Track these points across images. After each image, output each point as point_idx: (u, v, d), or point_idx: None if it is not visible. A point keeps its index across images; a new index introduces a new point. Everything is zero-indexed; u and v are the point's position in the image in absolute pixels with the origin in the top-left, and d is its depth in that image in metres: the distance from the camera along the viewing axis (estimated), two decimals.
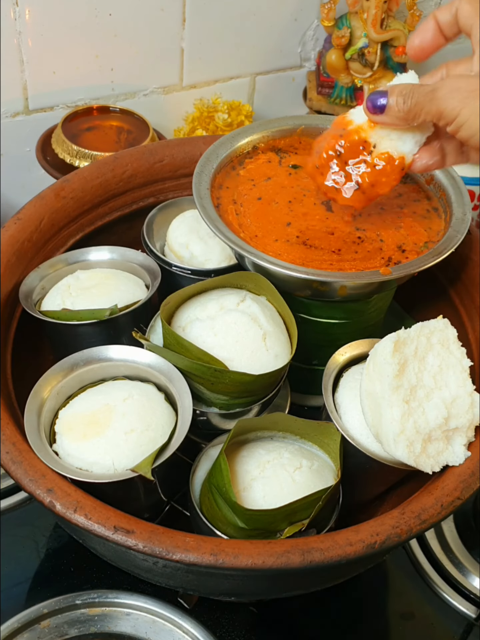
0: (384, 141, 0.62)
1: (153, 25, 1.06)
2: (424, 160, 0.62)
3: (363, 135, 0.62)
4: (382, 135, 0.62)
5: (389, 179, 0.62)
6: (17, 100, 1.03)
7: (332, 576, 0.67)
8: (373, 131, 0.62)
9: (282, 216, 0.73)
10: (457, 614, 0.78)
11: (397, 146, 0.61)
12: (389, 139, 0.61)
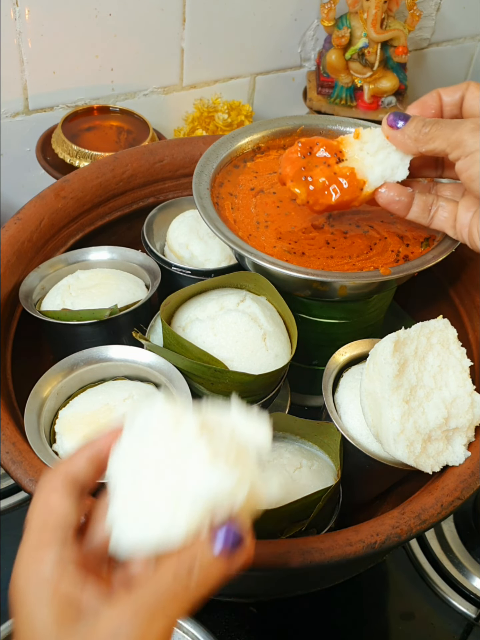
0: (356, 162, 0.61)
1: (153, 25, 1.06)
2: (391, 193, 0.60)
3: (342, 147, 0.62)
4: (357, 155, 0.61)
5: (342, 193, 0.60)
6: (17, 100, 1.03)
7: (332, 576, 0.67)
8: (352, 148, 0.61)
9: (269, 210, 0.73)
10: (457, 614, 0.77)
11: (365, 171, 0.60)
12: (362, 162, 0.61)
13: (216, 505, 0.38)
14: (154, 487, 0.38)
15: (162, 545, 0.38)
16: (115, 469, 0.40)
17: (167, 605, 0.37)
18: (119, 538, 0.39)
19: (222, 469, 0.37)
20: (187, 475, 0.38)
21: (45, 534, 0.39)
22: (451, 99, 0.59)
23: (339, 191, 0.60)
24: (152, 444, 0.39)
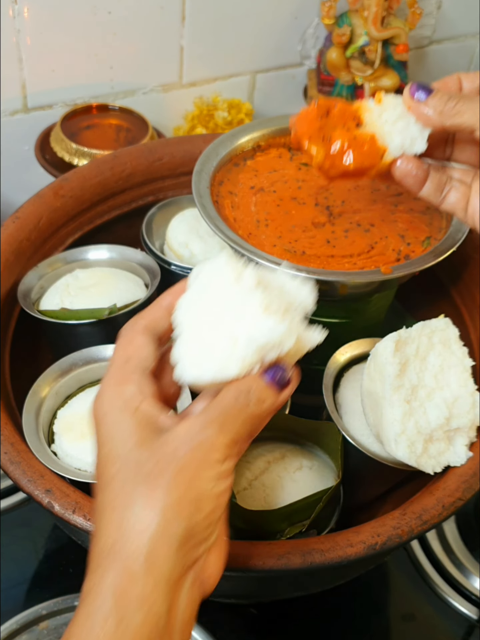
0: (375, 127, 0.57)
1: (152, 23, 1.05)
2: (409, 165, 0.57)
3: (359, 113, 0.58)
4: (377, 121, 0.57)
5: (363, 158, 0.56)
6: (16, 98, 1.03)
7: (333, 577, 0.67)
8: (371, 114, 0.58)
9: (269, 208, 0.73)
10: (459, 615, 0.77)
11: (385, 137, 0.57)
12: (381, 128, 0.57)
13: (266, 348, 0.43)
14: (214, 330, 0.44)
15: (219, 377, 0.43)
16: (181, 315, 0.46)
17: (233, 419, 0.42)
18: (183, 369, 0.44)
19: (274, 318, 0.43)
20: (243, 321, 0.43)
21: (127, 369, 0.44)
22: (471, 86, 0.57)
23: (360, 156, 0.56)
24: (213, 294, 0.45)
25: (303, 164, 0.78)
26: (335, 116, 0.57)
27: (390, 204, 0.74)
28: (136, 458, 0.41)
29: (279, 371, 0.44)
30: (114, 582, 0.39)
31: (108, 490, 0.41)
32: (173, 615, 0.40)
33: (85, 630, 0.39)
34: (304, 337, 0.46)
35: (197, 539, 0.41)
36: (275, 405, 0.44)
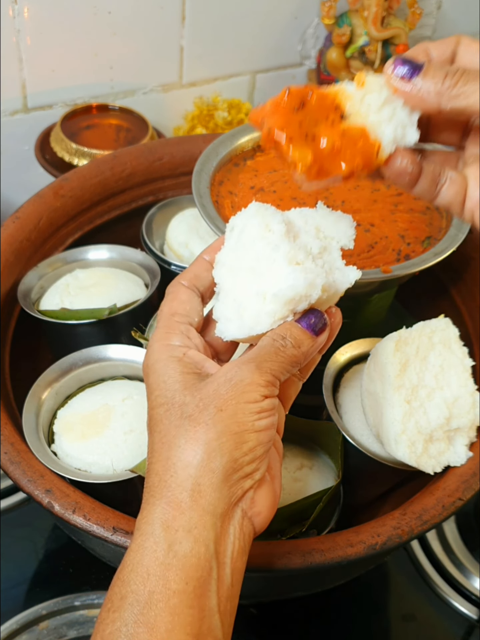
0: (360, 117, 0.47)
1: (152, 23, 1.05)
2: (405, 161, 0.47)
3: (338, 100, 0.47)
4: (360, 110, 0.47)
5: (357, 158, 0.46)
6: (16, 98, 1.03)
7: (333, 577, 0.67)
8: (352, 100, 0.47)
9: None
10: (459, 615, 0.77)
11: (376, 129, 0.47)
12: (366, 117, 0.47)
13: (295, 300, 0.44)
14: (246, 287, 0.45)
15: (255, 332, 0.45)
16: (219, 272, 0.47)
17: (273, 358, 0.44)
18: (222, 327, 0.47)
19: (298, 271, 0.44)
20: (269, 276, 0.44)
21: (173, 321, 0.47)
22: (440, 55, 0.48)
23: (353, 156, 0.46)
24: (244, 249, 0.46)
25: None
26: (313, 107, 0.46)
27: (390, 204, 0.74)
28: (181, 400, 0.43)
29: (311, 318, 0.46)
30: (163, 512, 0.41)
31: (157, 431, 0.44)
32: (222, 544, 0.42)
33: (137, 558, 0.41)
34: (337, 280, 0.46)
35: (242, 473, 0.42)
36: (313, 348, 0.46)
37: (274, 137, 0.46)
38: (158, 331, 0.47)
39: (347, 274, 0.47)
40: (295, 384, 0.51)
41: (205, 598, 0.40)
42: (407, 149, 0.48)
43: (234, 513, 0.43)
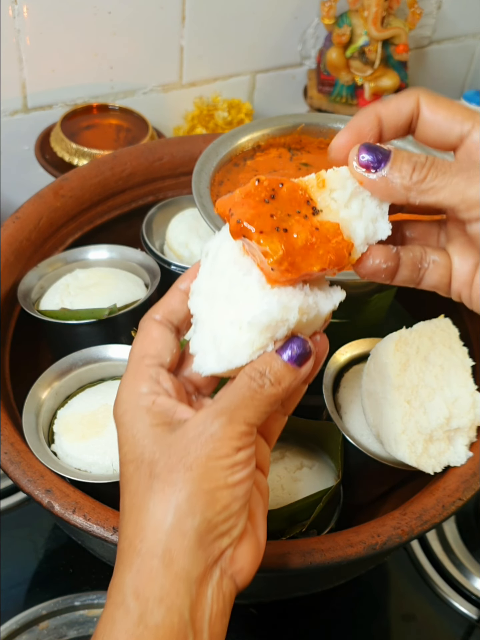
0: (333, 214, 0.44)
1: (152, 23, 1.05)
2: (377, 261, 0.44)
3: (310, 194, 0.44)
4: (331, 205, 0.44)
5: (330, 257, 0.43)
6: (16, 98, 1.03)
7: (333, 577, 0.67)
8: (323, 194, 0.44)
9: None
10: (459, 615, 0.77)
11: (348, 226, 0.44)
12: (337, 213, 0.44)
13: (272, 326, 0.41)
14: (222, 316, 0.43)
15: (234, 365, 0.42)
16: (195, 301, 0.45)
17: (248, 403, 0.41)
18: (199, 361, 0.44)
19: (270, 294, 0.41)
20: (244, 302, 0.42)
21: (143, 365, 0.44)
22: (396, 120, 0.44)
23: (327, 254, 0.42)
24: (219, 275, 0.43)
25: (303, 164, 0.78)
26: (284, 199, 0.43)
27: None
28: (150, 458, 0.41)
29: (293, 346, 0.42)
30: (133, 580, 0.40)
31: (127, 490, 0.42)
32: (199, 610, 0.40)
33: (107, 629, 0.39)
34: (319, 301, 0.43)
35: (217, 532, 0.40)
36: (295, 382, 0.42)
37: (243, 228, 0.42)
38: (126, 376, 0.44)
39: (330, 295, 0.44)
40: (279, 419, 0.47)
41: None
42: (381, 244, 0.45)
43: (211, 574, 0.40)
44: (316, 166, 0.78)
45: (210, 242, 0.45)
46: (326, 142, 0.81)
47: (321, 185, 0.44)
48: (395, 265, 0.45)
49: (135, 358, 0.45)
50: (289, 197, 0.43)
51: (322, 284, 0.45)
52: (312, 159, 0.79)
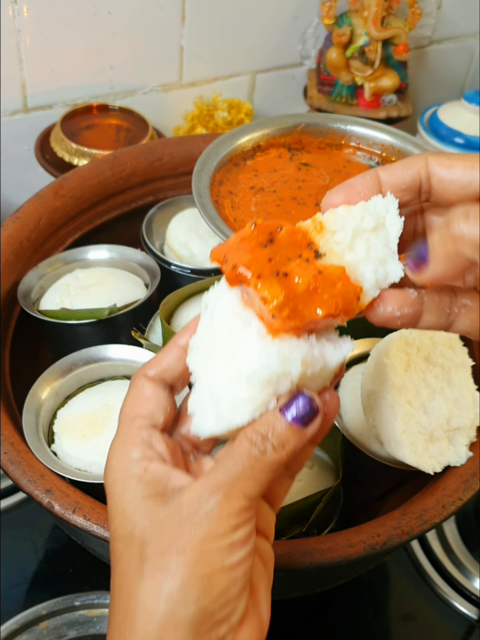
0: (335, 256, 0.41)
1: (152, 23, 1.05)
2: (389, 308, 0.40)
3: (311, 237, 0.42)
4: (335, 247, 0.41)
5: (336, 302, 0.39)
6: (16, 98, 1.03)
7: (333, 577, 0.67)
8: (325, 237, 0.42)
9: (269, 208, 0.73)
10: (459, 616, 0.77)
11: (355, 270, 0.41)
12: (341, 256, 0.41)
13: (274, 381, 0.38)
14: (220, 372, 0.40)
15: (234, 425, 0.39)
16: (193, 358, 0.42)
17: (247, 474, 0.38)
18: (198, 423, 0.41)
19: (269, 345, 0.38)
20: (242, 356, 0.39)
21: (134, 427, 0.41)
22: (399, 181, 0.41)
23: (332, 299, 0.39)
24: (219, 328, 0.40)
25: (303, 164, 0.78)
26: (283, 243, 0.41)
27: None
28: (141, 536, 0.37)
29: (298, 404, 0.38)
30: None
31: (117, 571, 0.38)
32: None
33: None
34: (326, 352, 0.40)
35: (215, 620, 0.36)
36: (302, 444, 0.39)
37: (239, 274, 0.39)
38: (116, 440, 0.41)
39: (339, 345, 0.41)
40: (283, 483, 0.44)
41: None
42: (397, 289, 0.40)
43: None
44: (316, 166, 0.78)
45: (209, 294, 0.42)
46: (326, 142, 0.81)
47: (319, 229, 0.42)
48: (415, 311, 0.40)
49: (125, 419, 0.42)
50: (288, 240, 0.41)
51: (330, 334, 0.41)
52: (312, 159, 0.79)
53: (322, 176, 0.77)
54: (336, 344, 0.41)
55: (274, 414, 0.38)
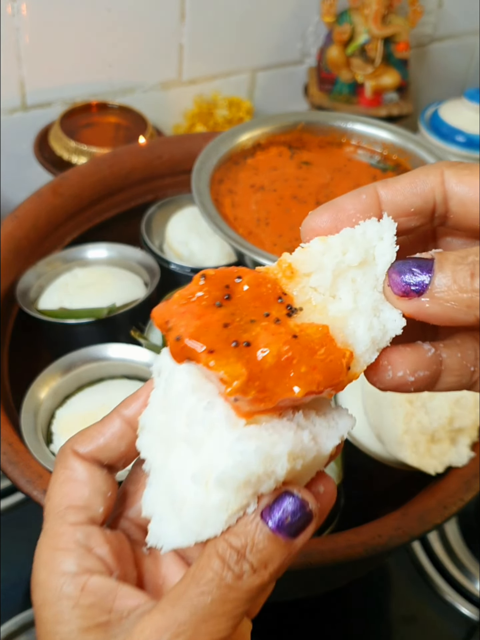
0: (316, 312, 0.32)
1: (152, 21, 1.05)
2: (400, 373, 0.31)
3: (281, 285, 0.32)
4: (315, 298, 0.32)
5: (318, 375, 0.30)
6: (15, 97, 1.02)
7: (334, 579, 0.67)
8: (301, 284, 0.32)
9: (270, 207, 0.72)
10: (460, 617, 0.77)
11: (342, 327, 0.31)
12: (324, 311, 0.32)
13: (249, 480, 0.29)
14: (181, 466, 0.31)
15: (202, 537, 0.30)
16: (145, 442, 0.33)
17: (217, 610, 0.29)
18: (156, 532, 0.32)
19: (244, 436, 0.29)
20: (209, 450, 0.30)
21: (65, 524, 0.32)
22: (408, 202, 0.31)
23: (312, 371, 0.30)
24: (175, 405, 0.32)
25: (304, 162, 0.78)
26: (244, 299, 0.31)
27: None
28: None
29: (286, 508, 0.30)
30: None
31: None
32: None
33: None
34: (318, 436, 0.31)
35: None
36: (289, 560, 0.30)
37: (185, 347, 0.30)
38: (44, 541, 0.32)
39: (334, 421, 0.32)
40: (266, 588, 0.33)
41: None
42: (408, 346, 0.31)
43: None
44: (317, 164, 0.78)
45: (161, 357, 0.33)
46: (327, 140, 0.80)
47: (289, 274, 0.32)
48: (433, 373, 0.31)
49: (54, 513, 0.32)
50: (251, 295, 0.31)
51: (322, 405, 0.32)
52: (313, 157, 0.78)
53: (322, 174, 0.77)
54: (330, 419, 0.32)
55: (254, 521, 0.29)
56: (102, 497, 0.33)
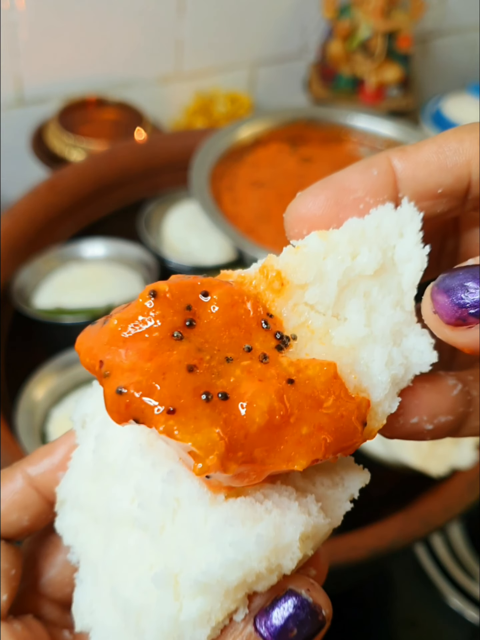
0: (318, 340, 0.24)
1: (151, 16, 1.04)
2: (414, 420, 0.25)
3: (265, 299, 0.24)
4: (314, 322, 0.24)
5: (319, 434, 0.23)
6: (12, 92, 1.01)
7: (335, 582, 0.66)
8: (292, 300, 0.24)
9: (270, 203, 0.71)
10: (464, 620, 0.76)
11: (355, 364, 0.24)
12: (329, 337, 0.24)
13: (251, 575, 0.21)
14: (134, 560, 0.22)
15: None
16: (71, 522, 0.25)
17: None
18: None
19: (233, 514, 0.21)
20: (176, 537, 0.21)
21: None
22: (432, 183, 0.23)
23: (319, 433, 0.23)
24: (116, 474, 0.23)
25: (305, 158, 0.77)
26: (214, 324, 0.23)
27: None
28: None
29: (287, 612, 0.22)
30: None
31: None
32: None
33: None
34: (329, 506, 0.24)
35: None
36: None
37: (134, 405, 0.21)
38: None
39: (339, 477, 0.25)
40: None
41: None
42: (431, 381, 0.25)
43: None
44: (318, 160, 0.77)
45: (86, 400, 0.24)
46: (328, 135, 0.79)
47: (277, 288, 0.23)
48: (458, 417, 0.24)
49: None
50: (224, 320, 0.22)
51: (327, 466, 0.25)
52: (314, 153, 0.77)
53: (323, 171, 0.76)
54: (334, 474, 0.25)
55: (244, 632, 0.22)
56: (4, 579, 0.25)
